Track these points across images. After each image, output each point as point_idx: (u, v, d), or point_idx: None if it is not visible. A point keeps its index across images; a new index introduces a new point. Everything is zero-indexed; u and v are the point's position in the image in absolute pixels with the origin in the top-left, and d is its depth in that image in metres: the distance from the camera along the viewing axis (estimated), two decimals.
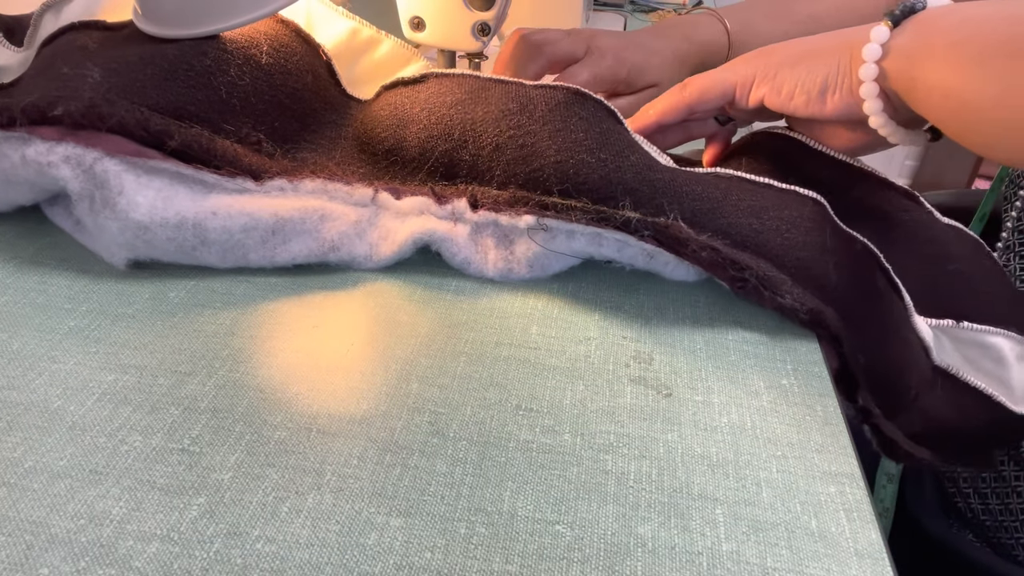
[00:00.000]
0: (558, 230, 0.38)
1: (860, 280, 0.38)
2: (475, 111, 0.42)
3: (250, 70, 0.42)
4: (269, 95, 0.43)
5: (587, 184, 0.37)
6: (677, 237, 0.36)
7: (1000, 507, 0.48)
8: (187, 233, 0.37)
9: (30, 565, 0.24)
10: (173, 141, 0.37)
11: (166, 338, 0.35)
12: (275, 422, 0.30)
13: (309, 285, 0.39)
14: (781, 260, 0.36)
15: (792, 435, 0.31)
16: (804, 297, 0.36)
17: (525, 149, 0.39)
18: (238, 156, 0.39)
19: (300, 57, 0.47)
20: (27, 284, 0.37)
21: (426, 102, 0.43)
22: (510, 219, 0.38)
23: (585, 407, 0.32)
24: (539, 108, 0.41)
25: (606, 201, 0.37)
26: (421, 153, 0.42)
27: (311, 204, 0.39)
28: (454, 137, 0.41)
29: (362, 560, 0.25)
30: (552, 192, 0.38)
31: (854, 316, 0.37)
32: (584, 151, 0.38)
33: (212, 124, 0.39)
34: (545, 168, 0.38)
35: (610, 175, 0.37)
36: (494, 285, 0.40)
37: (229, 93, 0.41)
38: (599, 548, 0.26)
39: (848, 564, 0.26)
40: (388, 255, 0.40)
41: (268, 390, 0.32)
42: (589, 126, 0.40)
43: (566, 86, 0.42)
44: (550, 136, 0.39)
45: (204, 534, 0.26)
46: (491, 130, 0.41)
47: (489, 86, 0.43)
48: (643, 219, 0.36)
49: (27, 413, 0.30)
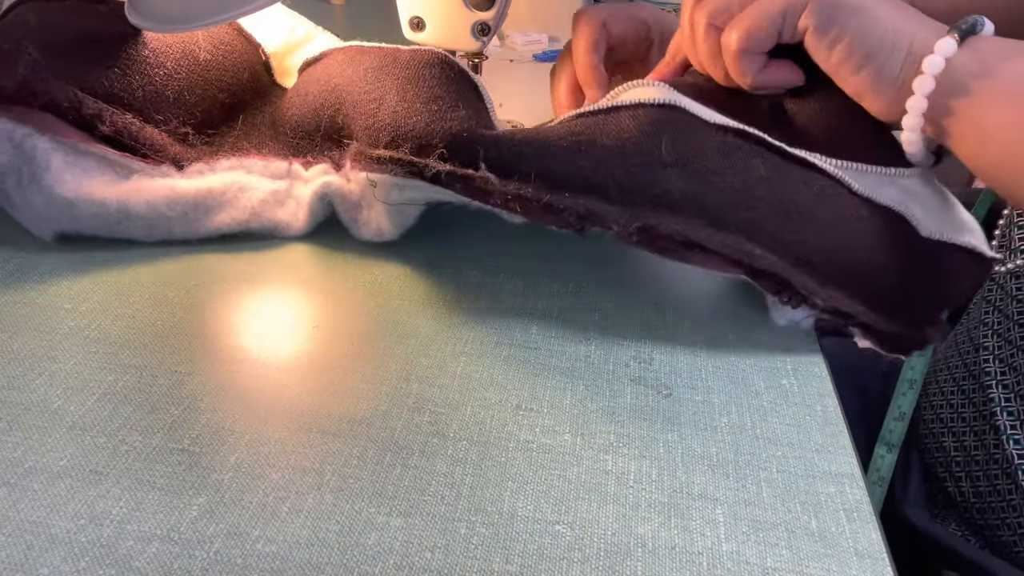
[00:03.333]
0: (385, 184, 0.38)
1: (737, 170, 0.35)
2: (347, 72, 0.43)
3: (188, 64, 0.44)
4: (203, 89, 0.45)
5: (412, 132, 0.37)
6: (483, 190, 0.35)
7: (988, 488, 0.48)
8: (111, 208, 0.38)
9: (30, 565, 0.24)
10: (104, 126, 0.38)
11: (166, 338, 0.35)
12: (275, 422, 0.30)
13: (309, 286, 0.39)
14: (607, 190, 0.34)
15: (792, 435, 0.31)
16: (628, 218, 0.34)
17: (373, 104, 0.40)
18: (165, 145, 0.41)
19: (239, 55, 0.49)
20: (27, 284, 0.37)
21: (318, 75, 0.45)
22: (352, 176, 0.40)
23: (585, 407, 0.32)
24: (399, 66, 0.42)
25: (425, 149, 0.37)
26: (316, 122, 0.44)
27: (229, 178, 0.41)
28: (331, 102, 0.43)
29: (362, 560, 0.25)
30: (380, 144, 0.38)
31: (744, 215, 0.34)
32: (420, 101, 0.39)
33: (144, 113, 0.41)
34: (384, 118, 0.39)
35: (433, 123, 0.37)
36: (494, 285, 0.40)
37: (164, 84, 0.42)
38: (599, 548, 0.26)
39: (848, 564, 0.26)
40: (305, 219, 0.42)
41: (268, 390, 0.32)
42: (437, 83, 0.40)
43: (436, 51, 0.43)
44: (397, 90, 0.40)
45: (204, 534, 0.26)
46: (355, 89, 0.42)
47: (368, 51, 0.44)
48: (453, 171, 0.35)
49: (27, 413, 0.30)
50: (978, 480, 0.49)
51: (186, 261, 0.40)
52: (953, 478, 0.51)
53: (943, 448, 0.52)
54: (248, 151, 0.44)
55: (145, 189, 0.39)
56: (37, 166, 0.37)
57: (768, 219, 0.35)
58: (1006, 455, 0.47)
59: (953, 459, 0.51)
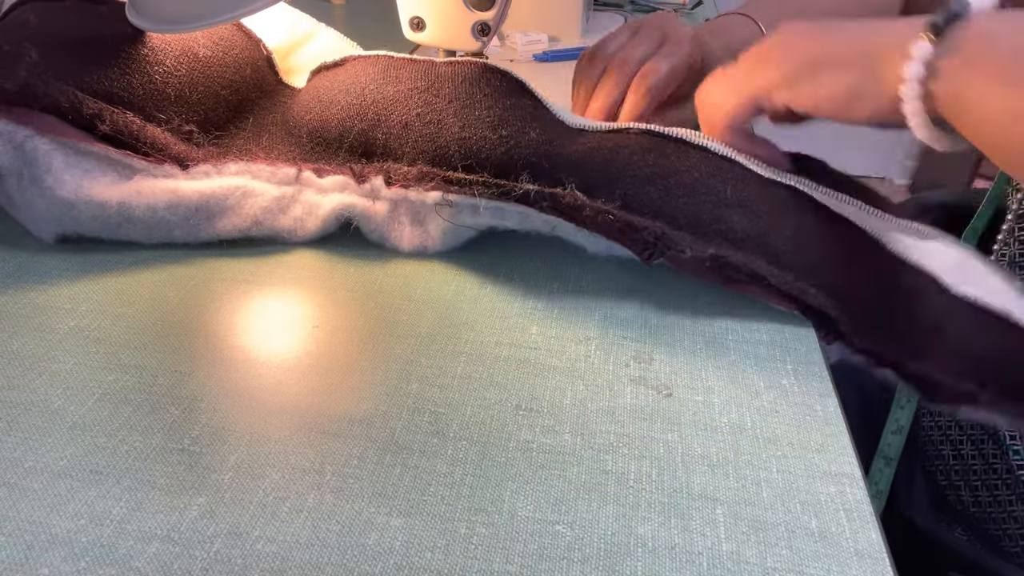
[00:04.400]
0: (463, 205, 0.39)
1: (789, 220, 0.39)
2: (387, 90, 0.43)
3: (187, 61, 0.44)
4: (204, 86, 0.45)
5: (489, 160, 0.39)
6: (572, 204, 0.37)
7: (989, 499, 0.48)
8: (111, 211, 0.38)
9: (30, 565, 0.24)
10: (104, 125, 0.38)
11: (166, 338, 0.35)
12: (275, 422, 0.30)
13: (309, 286, 0.39)
14: (676, 220, 0.38)
15: (792, 435, 0.31)
16: (701, 247, 0.36)
17: (431, 127, 0.41)
18: (167, 144, 0.40)
19: (240, 50, 0.48)
20: (27, 284, 0.37)
21: (344, 84, 0.45)
22: (418, 195, 0.40)
23: (585, 407, 0.32)
24: (446, 86, 0.42)
25: (506, 175, 0.38)
26: (340, 133, 0.44)
27: (234, 183, 0.41)
28: (368, 117, 0.43)
29: (362, 560, 0.25)
30: (456, 168, 0.39)
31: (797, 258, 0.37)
32: (487, 127, 0.40)
33: (145, 111, 0.41)
34: (450, 145, 0.40)
35: (511, 151, 0.39)
36: (494, 285, 0.40)
37: (165, 82, 0.42)
38: (599, 548, 0.26)
39: (848, 564, 0.26)
40: (314, 229, 0.42)
41: (268, 390, 0.32)
42: (493, 102, 0.41)
43: (476, 60, 0.43)
44: (455, 114, 0.40)
45: (204, 534, 0.26)
46: (400, 108, 0.42)
47: (402, 64, 0.44)
48: (541, 191, 0.37)
49: (27, 413, 0.30)
50: (978, 490, 0.49)
51: (186, 261, 0.40)
52: (953, 487, 0.51)
53: (942, 456, 0.52)
54: (257, 154, 0.43)
55: (146, 191, 0.39)
56: (38, 168, 0.37)
57: (821, 265, 0.38)
58: (1007, 465, 0.47)
59: (952, 468, 0.51)
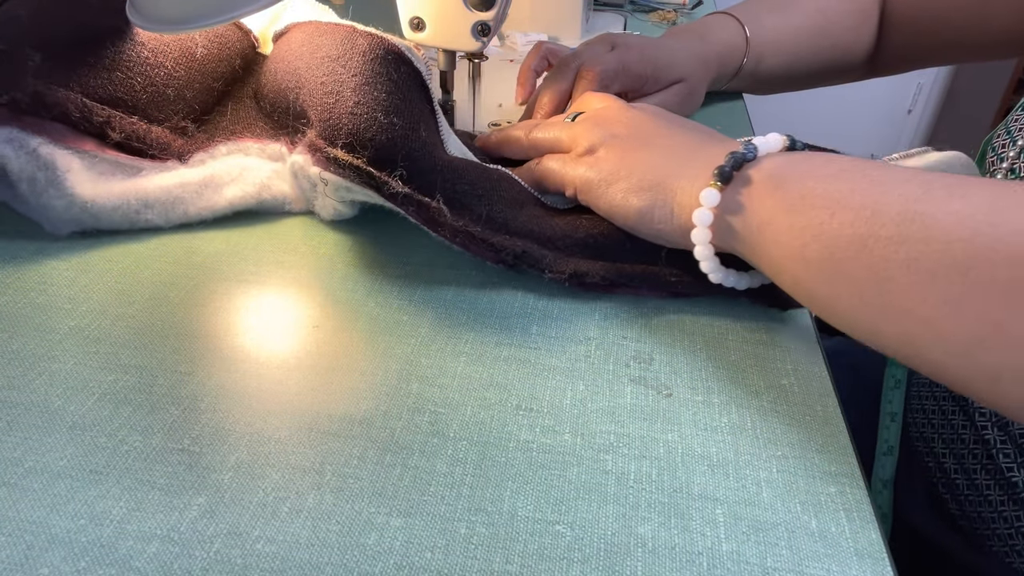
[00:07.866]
0: (338, 185, 0.40)
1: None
2: (306, 57, 0.44)
3: (186, 62, 0.45)
4: (200, 83, 0.46)
5: (373, 142, 0.38)
6: (435, 220, 0.38)
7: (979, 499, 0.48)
8: (130, 198, 0.40)
9: (30, 565, 0.24)
10: (115, 133, 0.40)
11: (166, 338, 0.35)
12: (275, 422, 0.30)
13: (309, 286, 0.39)
14: (541, 240, 0.40)
15: (792, 435, 0.31)
16: (562, 265, 0.39)
17: (330, 97, 0.40)
18: (169, 142, 0.42)
19: (233, 44, 0.50)
20: (27, 284, 0.37)
21: (283, 53, 0.46)
22: (302, 169, 0.41)
23: (585, 407, 0.32)
24: (356, 59, 0.42)
25: (385, 163, 0.38)
26: (284, 104, 0.45)
27: (232, 161, 0.43)
28: (292, 85, 0.44)
29: (362, 560, 0.25)
30: (338, 143, 0.39)
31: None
32: (380, 110, 0.39)
33: (147, 113, 0.42)
34: (342, 117, 0.39)
35: (395, 140, 0.38)
36: (494, 285, 0.40)
37: (165, 84, 0.43)
38: (599, 548, 0.26)
39: (848, 564, 0.26)
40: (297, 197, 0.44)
41: (268, 390, 0.32)
42: (395, 88, 0.41)
43: (394, 41, 0.43)
44: (355, 88, 0.40)
45: (204, 534, 0.26)
46: (313, 75, 0.42)
47: (325, 31, 0.45)
48: (409, 195, 0.38)
49: (27, 413, 0.30)
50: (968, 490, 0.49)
51: (186, 261, 0.40)
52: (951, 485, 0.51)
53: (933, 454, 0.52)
54: (242, 134, 0.45)
55: (157, 179, 0.41)
56: (56, 171, 0.38)
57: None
58: (997, 466, 0.47)
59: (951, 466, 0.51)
